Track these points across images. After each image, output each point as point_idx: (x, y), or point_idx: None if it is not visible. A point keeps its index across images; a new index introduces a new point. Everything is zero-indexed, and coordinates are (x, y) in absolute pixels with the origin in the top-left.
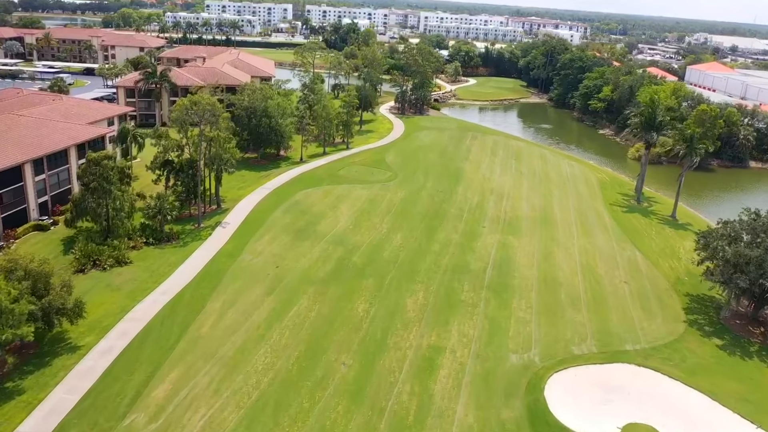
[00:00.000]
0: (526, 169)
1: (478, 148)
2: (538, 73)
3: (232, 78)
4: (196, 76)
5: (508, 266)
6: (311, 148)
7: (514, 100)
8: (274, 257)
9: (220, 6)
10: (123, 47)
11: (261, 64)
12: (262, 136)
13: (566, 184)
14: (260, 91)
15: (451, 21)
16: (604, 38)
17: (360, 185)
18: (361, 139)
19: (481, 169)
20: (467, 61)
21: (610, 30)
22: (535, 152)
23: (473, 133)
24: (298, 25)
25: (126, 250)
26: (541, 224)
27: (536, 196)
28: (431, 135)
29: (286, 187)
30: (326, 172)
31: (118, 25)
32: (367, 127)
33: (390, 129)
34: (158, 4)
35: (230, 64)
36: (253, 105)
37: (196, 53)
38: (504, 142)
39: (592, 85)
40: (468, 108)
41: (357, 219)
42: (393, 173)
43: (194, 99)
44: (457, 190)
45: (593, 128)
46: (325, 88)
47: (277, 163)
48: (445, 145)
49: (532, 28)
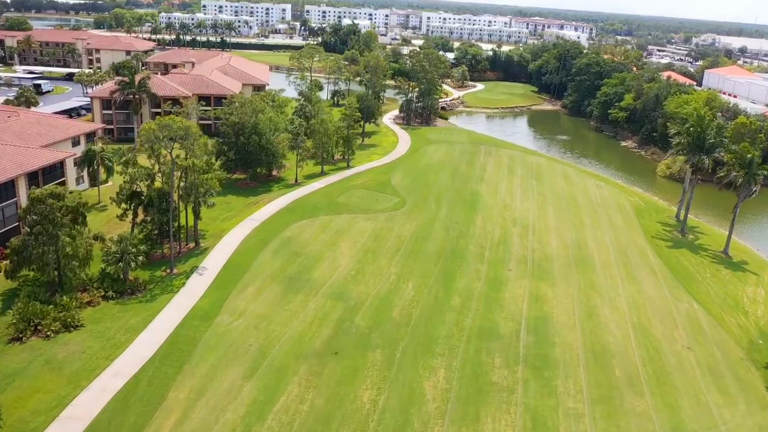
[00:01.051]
0: (549, 192)
1: (493, 165)
2: (550, 78)
3: (220, 87)
4: (181, 85)
5: (546, 328)
6: (308, 166)
7: (526, 107)
8: (258, 319)
9: (216, 6)
10: (108, 51)
11: (254, 70)
12: (251, 155)
13: (597, 210)
14: (250, 104)
15: (455, 21)
16: (610, 39)
17: (363, 216)
18: (364, 155)
19: (500, 193)
20: (474, 65)
21: (614, 30)
22: (557, 170)
23: (486, 147)
24: (296, 26)
25: (78, 307)
26: (577, 265)
27: (566, 227)
28: (441, 150)
29: (277, 218)
30: (324, 198)
31: (111, 26)
32: (369, 140)
33: (395, 143)
34: (155, 3)
35: (220, 71)
36: (242, 121)
37: (185, 58)
38: (521, 158)
39: (612, 93)
40: (477, 116)
41: (360, 261)
42: (400, 199)
43: (164, 121)
44: (475, 221)
45: (614, 139)
46: (323, 95)
47: (268, 185)
48: (456, 162)
49: (537, 29)
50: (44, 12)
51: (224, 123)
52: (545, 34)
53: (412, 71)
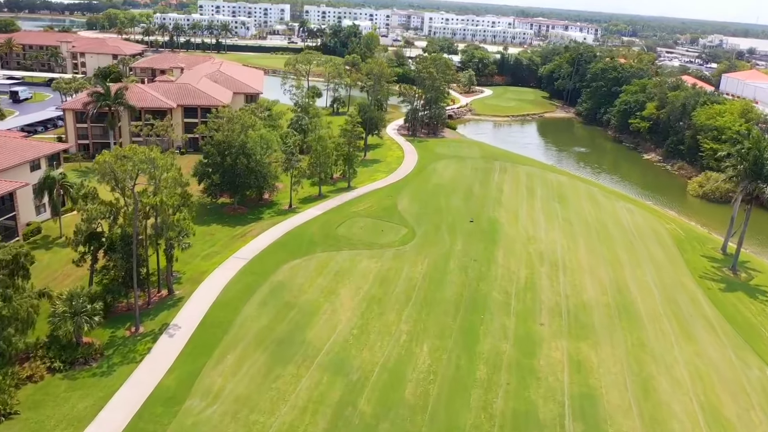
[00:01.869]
0: (576, 218)
1: (510, 185)
2: (563, 84)
3: (208, 97)
4: (165, 94)
5: (595, 411)
6: (305, 187)
7: (538, 114)
8: (237, 404)
9: (213, 6)
10: (94, 54)
11: (247, 77)
12: (239, 178)
13: (633, 241)
14: (238, 120)
15: (457, 22)
16: (615, 41)
17: (366, 252)
18: (366, 173)
19: (521, 220)
20: (481, 69)
21: (619, 31)
22: (581, 190)
23: (501, 163)
24: (295, 27)
25: (14, 386)
26: (621, 318)
27: (601, 265)
28: (451, 167)
29: (267, 256)
30: (321, 228)
31: (103, 27)
32: (372, 154)
33: (400, 158)
34: (152, 3)
35: (209, 78)
36: (228, 139)
37: (173, 63)
38: (540, 176)
39: (632, 101)
40: (486, 125)
41: (364, 315)
42: (409, 230)
43: (122, 152)
44: (496, 257)
45: (635, 151)
46: (322, 102)
47: (259, 211)
48: (470, 182)
49: (541, 30)
50: (38, 12)
51: (208, 142)
52: (550, 35)
53: (418, 78)
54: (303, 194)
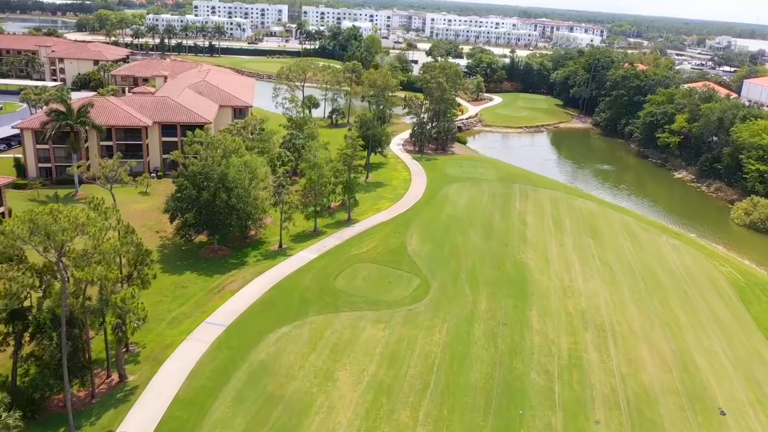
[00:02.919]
0: (615, 259)
1: (534, 215)
2: (579, 91)
3: (189, 113)
4: (141, 110)
5: None
6: (299, 220)
7: (553, 125)
8: None
9: (209, 7)
10: (74, 60)
11: (236, 87)
12: (219, 216)
13: (687, 292)
14: (219, 144)
15: (460, 23)
16: (622, 42)
17: (371, 314)
18: (369, 200)
19: (552, 263)
20: (490, 75)
21: (623, 32)
22: (615, 220)
23: (521, 187)
24: (293, 29)
25: None
26: (695, 410)
27: (657, 328)
28: (465, 192)
29: (248, 320)
30: (316, 280)
31: (94, 29)
32: (375, 175)
33: (407, 181)
34: (148, 3)
35: (193, 89)
36: (206, 170)
37: (156, 70)
38: (566, 202)
39: (660, 113)
40: (498, 138)
41: (369, 414)
42: (422, 280)
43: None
44: (529, 319)
45: (663, 168)
46: (320, 112)
47: (242, 253)
48: (488, 211)
49: (545, 31)
50: (29, 13)
51: (181, 173)
52: (555, 36)
53: (425, 88)
54: (296, 229)
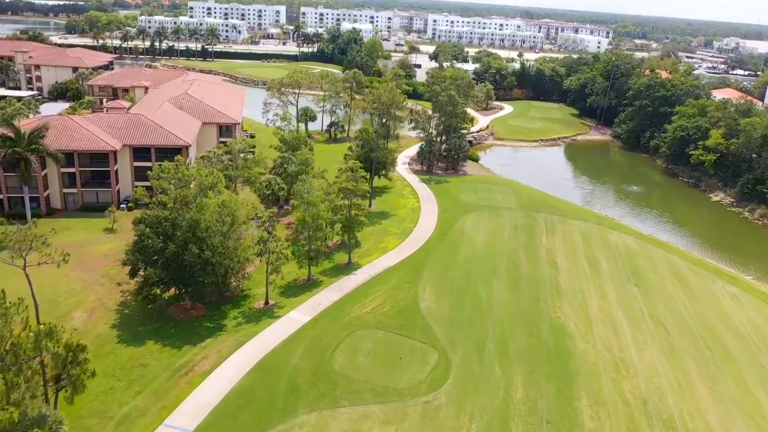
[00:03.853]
0: (668, 315)
1: (565, 255)
2: (597, 100)
3: (165, 134)
4: (109, 130)
5: None
6: (290, 265)
7: (570, 138)
8: None
9: (204, 8)
10: (51, 67)
11: (222, 101)
12: (190, 270)
13: (763, 362)
14: (192, 180)
15: (463, 25)
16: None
17: (378, 410)
18: (373, 235)
19: (596, 325)
20: (499, 81)
21: (627, 33)
22: (658, 260)
23: (546, 216)
24: (291, 30)
25: None
26: None
27: (738, 419)
28: (483, 225)
29: (220, 423)
30: (309, 355)
31: (83, 31)
32: (379, 203)
33: (415, 210)
34: (144, 4)
35: (173, 104)
36: (173, 216)
37: (137, 79)
38: (599, 236)
39: (691, 127)
40: (513, 152)
41: None
42: (440, 354)
43: None
44: (579, 413)
45: (697, 189)
46: (317, 125)
47: (219, 312)
48: (511, 250)
49: (550, 32)
50: (21, 14)
51: (143, 218)
52: (559, 37)
53: (436, 103)
54: (287, 276)
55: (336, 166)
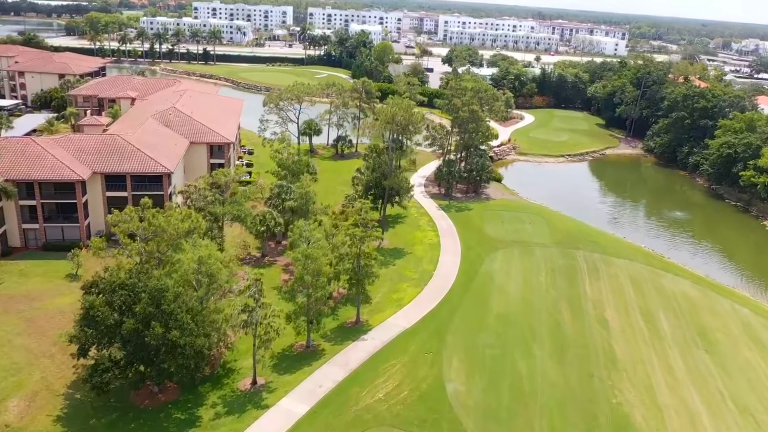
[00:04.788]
0: (753, 398)
1: (615, 308)
2: (627, 110)
3: (143, 159)
4: (79, 154)
5: None
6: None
7: (599, 152)
8: None
9: (209, 9)
10: (36, 74)
11: (215, 115)
12: (154, 352)
13: None
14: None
15: (475, 26)
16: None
17: None
18: (386, 282)
19: (668, 416)
20: (518, 88)
21: (641, 34)
22: (727, 316)
23: (586, 254)
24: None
25: None
26: None
27: None
28: (515, 267)
29: None
30: None
31: (83, 32)
32: (393, 236)
33: (435, 247)
34: (149, 5)
35: (158, 120)
36: (132, 282)
37: (125, 89)
38: (652, 282)
39: (740, 144)
40: (537, 169)
41: None
42: None
43: None
44: None
45: (747, 214)
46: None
47: (194, 396)
48: (551, 303)
49: (564, 34)
50: (23, 14)
51: (95, 281)
52: (574, 39)
53: (456, 119)
54: (282, 341)
55: (342, 188)
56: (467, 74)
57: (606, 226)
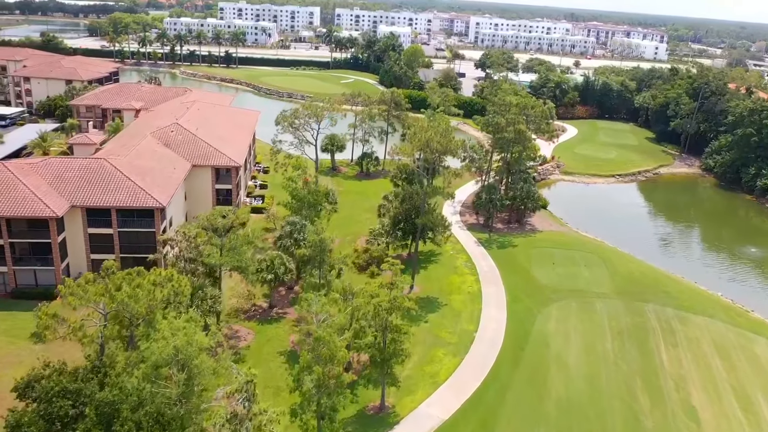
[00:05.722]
0: None
1: (702, 388)
2: (683, 124)
3: (131, 190)
4: (57, 183)
5: None
6: None
7: (652, 171)
8: None
9: (235, 10)
10: (41, 80)
11: (223, 132)
12: None
13: None
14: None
15: (508, 28)
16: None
17: None
18: (417, 345)
19: None
20: (559, 97)
21: (679, 36)
22: None
23: (656, 308)
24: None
25: None
26: None
27: None
28: (573, 330)
29: None
30: None
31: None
32: (426, 282)
33: (475, 297)
34: (178, 4)
35: (158, 138)
36: (77, 387)
37: (131, 98)
38: (742, 349)
39: None
40: (584, 191)
41: None
42: None
43: None
44: None
45: None
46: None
47: None
48: (623, 386)
49: (599, 36)
50: (50, 15)
51: (29, 384)
52: (611, 42)
53: (500, 141)
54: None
55: (367, 216)
56: (504, 82)
57: (671, 265)
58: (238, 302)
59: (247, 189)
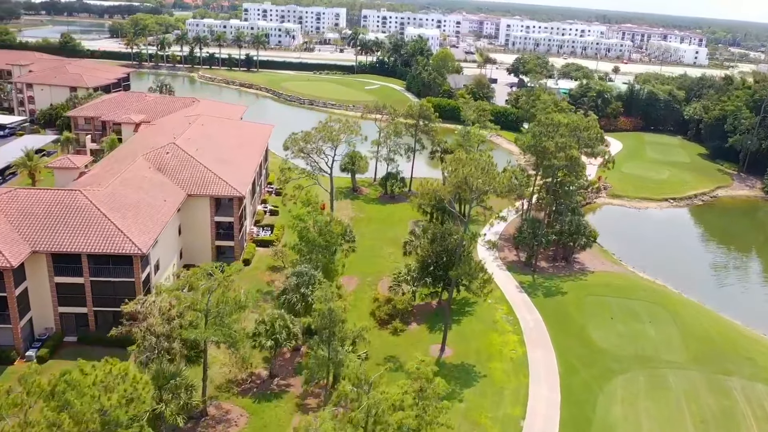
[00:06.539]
0: None
1: None
2: (743, 139)
3: (107, 229)
4: (21, 221)
5: None
6: None
7: (709, 194)
8: None
9: (260, 11)
10: (45, 86)
11: (226, 156)
12: None
13: None
14: None
15: (540, 30)
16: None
17: None
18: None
19: None
20: (602, 107)
21: (717, 39)
22: None
23: (743, 383)
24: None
25: None
26: None
27: None
28: (644, 414)
29: None
30: None
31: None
32: (459, 341)
33: (519, 365)
34: (204, 5)
35: (151, 160)
36: None
37: (130, 111)
38: None
39: None
40: (637, 218)
41: None
42: None
43: None
44: None
45: None
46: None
47: None
48: None
49: (635, 39)
50: (76, 15)
51: None
52: (648, 46)
53: (545, 168)
54: None
55: (391, 251)
56: (543, 92)
57: (750, 317)
58: (231, 371)
59: (255, 216)
